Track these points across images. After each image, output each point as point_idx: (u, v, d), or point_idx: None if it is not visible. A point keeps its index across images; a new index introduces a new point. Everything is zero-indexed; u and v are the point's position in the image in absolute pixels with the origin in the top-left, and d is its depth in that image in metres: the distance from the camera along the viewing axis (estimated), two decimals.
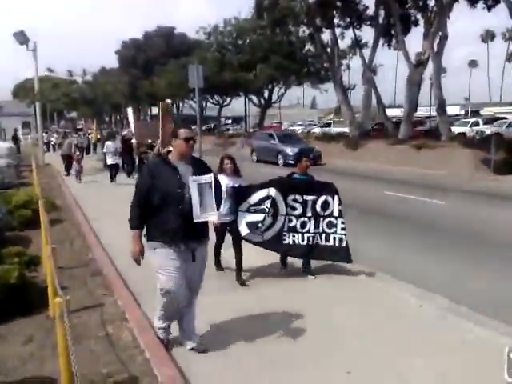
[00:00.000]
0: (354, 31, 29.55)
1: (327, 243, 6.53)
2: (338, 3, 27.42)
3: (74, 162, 19.06)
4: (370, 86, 28.13)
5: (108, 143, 17.97)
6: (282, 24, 31.23)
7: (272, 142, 25.33)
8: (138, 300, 5.91)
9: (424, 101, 44.65)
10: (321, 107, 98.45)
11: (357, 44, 30.32)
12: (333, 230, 6.54)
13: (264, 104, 46.20)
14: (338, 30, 29.60)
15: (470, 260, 7.73)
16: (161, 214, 4.11)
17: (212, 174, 4.17)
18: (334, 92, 30.47)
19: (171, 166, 4.18)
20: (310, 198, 6.51)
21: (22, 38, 24.34)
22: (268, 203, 6.38)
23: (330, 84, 34.48)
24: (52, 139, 37.93)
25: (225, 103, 52.40)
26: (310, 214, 6.51)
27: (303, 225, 6.50)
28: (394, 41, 28.64)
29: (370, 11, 28.30)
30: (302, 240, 6.50)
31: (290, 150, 23.44)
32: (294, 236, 6.49)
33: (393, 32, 27.49)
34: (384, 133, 27.58)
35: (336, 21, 28.72)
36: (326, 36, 30.21)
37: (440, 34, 23.90)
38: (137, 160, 12.71)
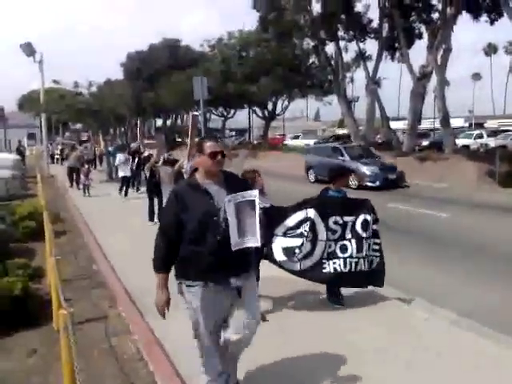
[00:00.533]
0: (357, 44, 29.72)
1: (364, 268, 5.72)
2: (342, 16, 27.60)
3: (82, 176, 18.56)
4: (373, 99, 28.20)
5: (119, 156, 17.54)
6: (286, 37, 31.43)
7: (340, 158, 20.18)
8: (143, 312, 5.89)
9: (428, 113, 44.74)
10: (324, 119, 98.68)
11: (361, 56, 30.45)
12: (369, 251, 5.76)
13: (268, 116, 46.36)
14: (342, 43, 29.79)
15: (475, 273, 7.69)
16: (194, 249, 3.39)
17: (257, 192, 3.39)
18: (338, 104, 30.55)
19: (201, 189, 3.42)
20: (349, 219, 5.71)
21: (28, 49, 24.56)
22: (307, 226, 5.61)
23: (334, 96, 34.59)
24: (56, 151, 37.50)
25: (229, 115, 52.61)
26: (349, 235, 5.68)
27: (343, 249, 5.65)
28: (397, 53, 28.77)
29: (374, 24, 28.52)
30: (344, 266, 5.61)
31: (367, 169, 18.78)
32: (334, 263, 5.62)
33: (397, 45, 27.63)
34: (388, 145, 27.58)
35: (340, 33, 28.91)
36: (329, 48, 30.41)
37: (444, 46, 24.01)
38: (147, 174, 12.23)
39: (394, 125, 33.99)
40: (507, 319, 5.65)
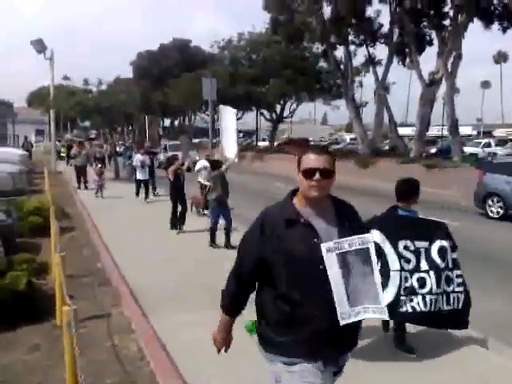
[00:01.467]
0: (367, 49, 29.67)
1: (448, 307, 4.58)
2: (353, 21, 27.59)
3: (95, 176, 17.14)
4: (382, 104, 28.15)
5: (137, 156, 16.43)
6: (296, 39, 31.47)
7: None
8: (145, 311, 5.90)
9: (436, 120, 44.68)
10: (332, 123, 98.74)
11: (370, 61, 30.40)
12: (451, 287, 4.62)
13: (275, 119, 46.39)
14: (351, 47, 29.77)
15: (484, 282, 7.63)
16: (293, 310, 2.35)
17: (371, 235, 2.47)
18: (346, 109, 30.51)
19: (301, 222, 2.37)
20: (422, 244, 4.63)
21: (39, 46, 24.71)
22: None
23: (342, 100, 34.57)
24: (62, 149, 35.85)
25: (237, 117, 52.66)
26: (425, 266, 4.56)
27: (422, 283, 4.51)
28: (407, 59, 28.72)
29: (385, 29, 28.48)
30: (424, 305, 4.45)
31: None
32: (411, 301, 4.46)
33: (407, 50, 27.57)
34: (395, 151, 27.52)
35: (350, 38, 28.90)
36: (339, 53, 30.41)
37: (454, 53, 23.93)
38: (171, 177, 11.12)
39: (402, 131, 33.94)
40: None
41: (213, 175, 9.58)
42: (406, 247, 4.56)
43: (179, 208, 11.15)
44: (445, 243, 4.69)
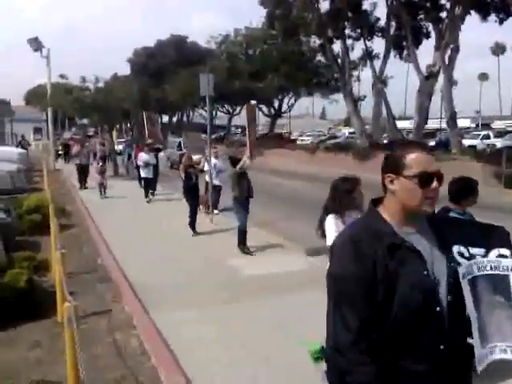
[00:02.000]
0: (365, 42, 29.62)
1: None
2: (350, 14, 27.53)
3: (97, 175, 16.62)
4: (380, 98, 28.12)
5: (142, 154, 16.10)
6: (293, 34, 31.42)
7: None
8: (146, 307, 5.91)
9: (434, 113, 44.62)
10: (331, 118, 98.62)
11: (368, 55, 30.36)
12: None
13: (274, 114, 46.35)
14: (348, 41, 29.72)
15: None
16: (390, 358, 1.78)
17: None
18: (344, 103, 30.53)
19: (407, 248, 1.83)
20: (477, 251, 3.31)
21: (35, 44, 24.67)
22: None
23: (340, 95, 34.52)
24: (60, 147, 35.03)
25: (234, 112, 52.65)
26: None
27: None
28: (405, 52, 28.67)
29: (382, 22, 28.42)
30: None
31: None
32: None
33: (404, 43, 27.53)
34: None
35: (347, 31, 28.85)
36: (336, 47, 30.36)
37: (451, 46, 23.90)
38: (183, 176, 10.88)
39: (400, 124, 33.90)
40: None
41: (229, 174, 9.35)
42: (460, 253, 3.78)
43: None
44: (505, 252, 3.97)
